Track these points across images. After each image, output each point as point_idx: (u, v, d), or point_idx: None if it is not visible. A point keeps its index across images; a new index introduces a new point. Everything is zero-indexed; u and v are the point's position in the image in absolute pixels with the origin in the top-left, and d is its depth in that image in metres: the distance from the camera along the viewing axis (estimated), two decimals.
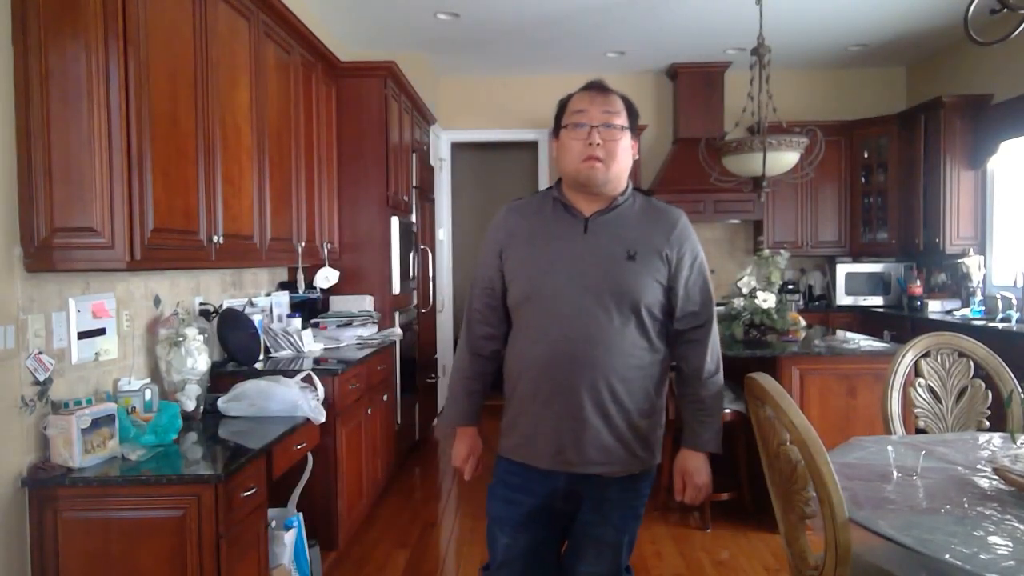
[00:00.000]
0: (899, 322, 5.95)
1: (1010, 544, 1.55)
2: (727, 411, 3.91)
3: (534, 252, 1.92)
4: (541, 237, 1.93)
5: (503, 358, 2.02)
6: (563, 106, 1.95)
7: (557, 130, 1.95)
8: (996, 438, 2.39)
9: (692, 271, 1.94)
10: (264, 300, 3.93)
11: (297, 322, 3.99)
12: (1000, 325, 4.93)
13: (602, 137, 1.85)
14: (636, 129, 1.95)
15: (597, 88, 1.92)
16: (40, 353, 2.25)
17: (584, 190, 1.91)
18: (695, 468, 1.94)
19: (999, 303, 5.15)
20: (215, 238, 2.80)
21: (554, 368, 1.86)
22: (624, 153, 1.89)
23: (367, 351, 3.91)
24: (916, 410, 2.76)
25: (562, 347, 1.86)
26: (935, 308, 5.73)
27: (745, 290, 4.21)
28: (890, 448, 2.21)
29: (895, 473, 2.03)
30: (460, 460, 2.08)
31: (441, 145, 6.91)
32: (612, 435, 1.87)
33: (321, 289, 4.39)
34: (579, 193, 1.93)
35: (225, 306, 3.45)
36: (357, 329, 4.32)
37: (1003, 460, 1.98)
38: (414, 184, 5.49)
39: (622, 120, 1.88)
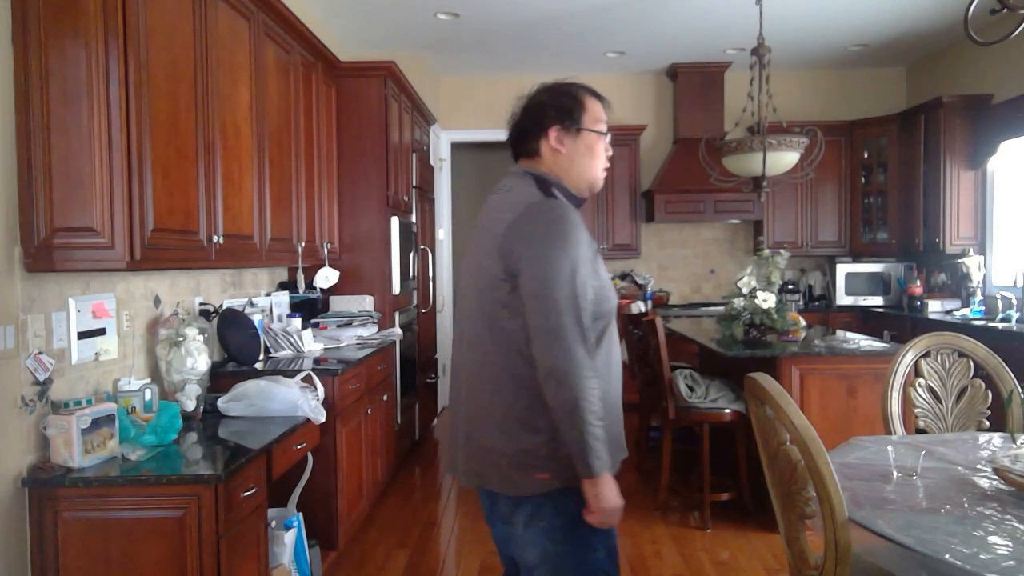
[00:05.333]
0: (899, 322, 5.95)
1: (1010, 544, 1.55)
2: (727, 411, 3.92)
3: (597, 259, 1.81)
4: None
5: None
6: (581, 103, 1.85)
7: (571, 126, 1.83)
8: (996, 438, 2.39)
9: None
10: (264, 300, 3.93)
11: (297, 322, 3.99)
12: (1000, 325, 4.93)
13: None
14: None
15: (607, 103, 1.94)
16: (40, 353, 2.25)
17: (587, 196, 1.93)
18: None
19: (999, 303, 5.14)
20: (215, 238, 2.80)
21: None
22: None
23: (367, 351, 3.91)
24: (916, 410, 2.76)
25: None
26: (935, 308, 5.73)
27: (745, 290, 4.21)
28: (890, 448, 2.21)
29: (895, 473, 2.03)
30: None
31: (441, 145, 6.91)
32: None
33: (321, 289, 4.39)
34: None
35: (225, 306, 3.45)
36: (357, 329, 4.31)
37: (1003, 460, 1.98)
38: (414, 184, 5.49)
39: None
